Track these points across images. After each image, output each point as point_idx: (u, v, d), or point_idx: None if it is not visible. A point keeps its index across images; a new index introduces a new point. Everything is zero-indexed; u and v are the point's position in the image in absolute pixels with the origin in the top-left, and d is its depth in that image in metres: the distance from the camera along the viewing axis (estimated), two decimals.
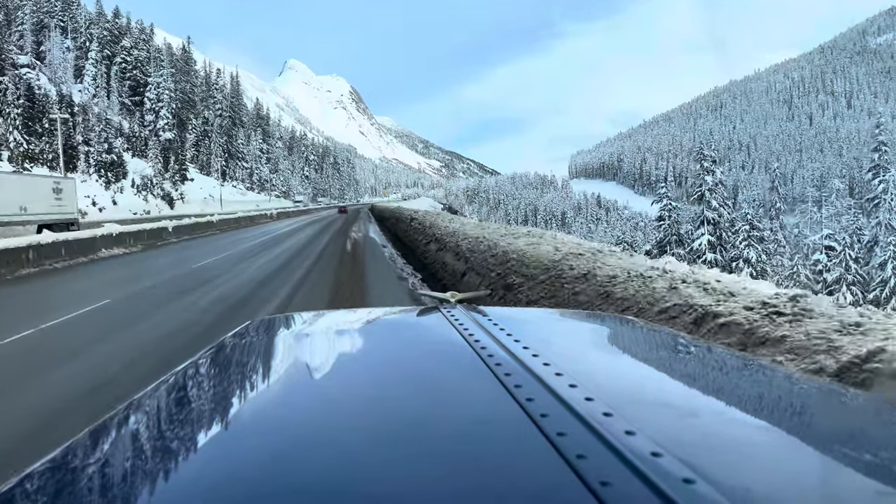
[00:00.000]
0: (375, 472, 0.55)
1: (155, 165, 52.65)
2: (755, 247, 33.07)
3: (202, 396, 0.93)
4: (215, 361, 1.09)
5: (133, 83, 68.10)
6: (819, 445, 0.65)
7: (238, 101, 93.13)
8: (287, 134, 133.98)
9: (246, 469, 0.58)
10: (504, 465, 0.55)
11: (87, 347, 6.37)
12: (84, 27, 68.52)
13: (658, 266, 5.28)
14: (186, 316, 8.02)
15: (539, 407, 0.62)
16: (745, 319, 3.18)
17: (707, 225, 38.40)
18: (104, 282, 12.30)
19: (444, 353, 0.96)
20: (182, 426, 0.79)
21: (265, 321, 1.37)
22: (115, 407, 0.82)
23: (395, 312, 1.55)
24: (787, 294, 3.40)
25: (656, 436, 0.55)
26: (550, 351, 0.85)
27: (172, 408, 0.87)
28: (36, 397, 4.71)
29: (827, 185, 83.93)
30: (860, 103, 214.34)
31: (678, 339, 1.21)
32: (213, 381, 1.01)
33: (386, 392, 0.80)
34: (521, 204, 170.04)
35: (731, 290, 3.84)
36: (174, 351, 5.99)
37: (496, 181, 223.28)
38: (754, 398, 0.85)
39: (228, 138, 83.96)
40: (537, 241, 8.81)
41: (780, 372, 0.98)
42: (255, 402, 0.83)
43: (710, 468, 0.50)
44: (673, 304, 3.90)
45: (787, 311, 3.06)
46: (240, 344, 1.20)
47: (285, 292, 10.23)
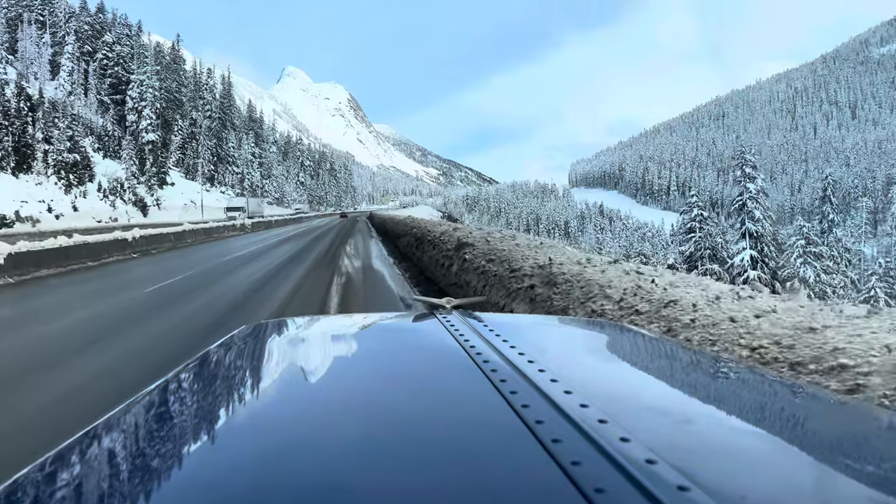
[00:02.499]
0: (370, 477, 0.54)
1: (129, 168, 47.58)
2: (813, 264, 28.61)
3: (196, 401, 0.92)
4: (210, 365, 1.09)
5: (115, 80, 63.58)
6: (814, 453, 0.65)
7: (230, 103, 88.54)
8: (282, 139, 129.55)
9: (240, 473, 0.58)
10: (499, 472, 0.55)
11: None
12: (63, 21, 64.12)
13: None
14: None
15: (534, 413, 0.62)
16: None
17: (749, 238, 34.00)
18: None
19: (439, 359, 0.96)
20: (176, 430, 0.79)
21: (260, 326, 1.36)
22: (110, 409, 0.81)
23: (391, 318, 1.56)
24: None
25: (651, 443, 0.55)
26: (546, 357, 0.85)
27: (166, 412, 0.87)
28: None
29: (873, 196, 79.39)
30: (865, 113, 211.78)
31: (673, 346, 1.21)
32: (207, 385, 1.01)
33: (381, 397, 0.79)
34: (522, 212, 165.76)
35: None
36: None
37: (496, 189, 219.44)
38: (749, 406, 0.85)
39: (218, 141, 79.37)
40: (607, 267, 4.49)
41: (774, 380, 0.98)
42: (249, 407, 0.83)
43: (704, 475, 0.50)
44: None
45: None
46: (235, 348, 1.20)
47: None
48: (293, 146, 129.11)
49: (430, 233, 14.25)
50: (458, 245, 10.12)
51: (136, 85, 61.24)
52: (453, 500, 0.50)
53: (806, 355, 2.59)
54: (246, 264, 14.76)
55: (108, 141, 51.54)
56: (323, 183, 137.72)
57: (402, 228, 21.85)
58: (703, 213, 39.99)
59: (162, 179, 55.64)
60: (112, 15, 70.70)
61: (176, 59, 78.64)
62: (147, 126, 60.18)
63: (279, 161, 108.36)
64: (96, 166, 44.49)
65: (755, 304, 3.56)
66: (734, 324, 3.20)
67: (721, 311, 3.43)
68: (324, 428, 0.68)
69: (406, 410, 0.73)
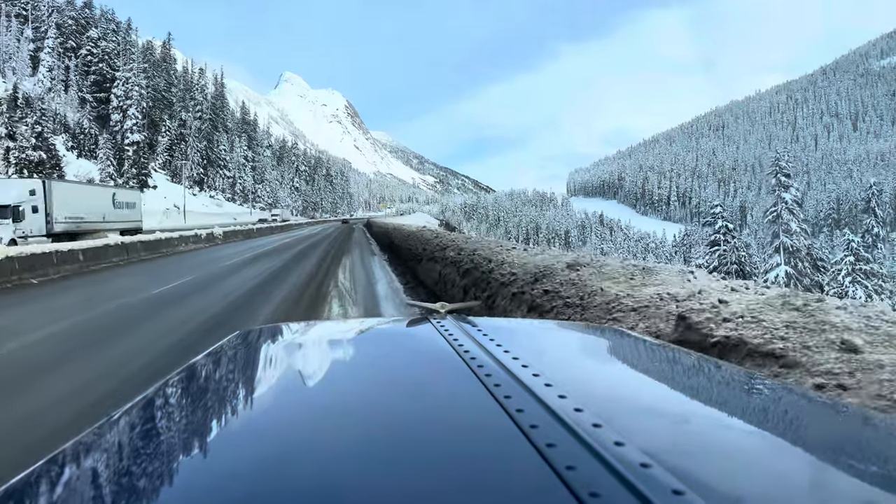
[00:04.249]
0: (365, 483, 0.54)
1: (104, 168, 44.00)
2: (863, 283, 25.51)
3: (191, 406, 0.92)
4: (205, 370, 1.08)
5: (99, 77, 60.37)
6: (808, 456, 0.66)
7: (222, 104, 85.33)
8: (277, 143, 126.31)
9: (236, 477, 0.57)
10: (494, 476, 0.55)
11: None
12: (46, 15, 60.97)
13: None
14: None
15: (528, 418, 0.62)
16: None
17: (783, 252, 30.96)
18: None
19: (433, 364, 0.95)
20: (171, 435, 0.78)
21: (255, 331, 1.35)
22: (107, 414, 0.80)
23: (385, 323, 1.60)
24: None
25: (646, 447, 0.55)
26: (540, 361, 0.85)
27: (159, 420, 0.86)
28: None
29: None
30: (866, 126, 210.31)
31: (668, 350, 1.21)
32: (202, 390, 1.01)
33: (375, 403, 0.79)
34: (521, 221, 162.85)
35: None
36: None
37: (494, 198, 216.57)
38: (744, 409, 0.85)
39: (209, 143, 76.11)
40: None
41: (769, 383, 0.98)
42: (244, 412, 0.83)
43: (699, 479, 0.50)
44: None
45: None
46: (229, 353, 1.19)
47: None
48: (288, 151, 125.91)
49: (505, 268, 6.98)
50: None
51: (122, 82, 57.95)
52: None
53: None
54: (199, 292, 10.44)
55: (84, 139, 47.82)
56: (318, 189, 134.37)
57: (420, 247, 15.06)
58: (728, 225, 36.98)
59: (143, 182, 51.91)
60: (99, 10, 67.68)
61: (166, 57, 75.53)
62: (132, 126, 56.81)
63: (273, 166, 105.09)
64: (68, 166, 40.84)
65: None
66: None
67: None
68: (319, 433, 0.68)
69: (400, 415, 0.73)
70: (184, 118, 70.99)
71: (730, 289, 3.95)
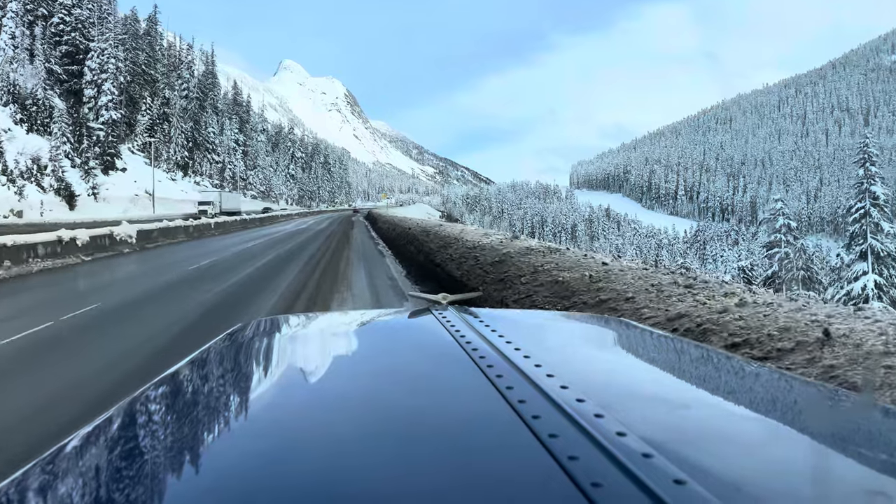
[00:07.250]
0: (367, 473, 0.55)
1: (58, 146, 38.00)
2: None
3: (195, 398, 0.92)
4: (208, 362, 1.09)
5: (71, 48, 54.45)
6: (811, 446, 0.66)
7: (212, 83, 79.46)
8: (273, 128, 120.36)
9: (239, 470, 0.58)
10: (495, 467, 0.55)
11: None
12: None
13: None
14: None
15: (530, 408, 0.62)
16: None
17: (871, 258, 25.77)
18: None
19: (434, 355, 0.96)
20: (175, 428, 0.78)
21: (257, 323, 1.36)
22: (108, 407, 0.81)
23: (387, 314, 1.62)
24: None
25: (648, 437, 0.55)
26: (541, 352, 0.85)
27: (165, 409, 0.87)
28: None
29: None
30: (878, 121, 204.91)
31: (670, 340, 1.20)
32: (205, 382, 1.01)
33: (377, 394, 0.79)
34: (526, 214, 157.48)
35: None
36: None
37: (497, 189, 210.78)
38: (746, 399, 0.86)
39: (195, 125, 70.37)
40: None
41: (771, 373, 0.98)
42: (247, 404, 0.83)
43: (701, 469, 0.51)
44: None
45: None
46: (232, 346, 1.20)
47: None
48: (284, 136, 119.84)
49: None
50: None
51: (97, 54, 52.13)
52: (451, 496, 0.50)
53: None
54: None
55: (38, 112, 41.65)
56: (315, 177, 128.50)
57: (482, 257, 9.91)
58: (791, 223, 31.67)
59: (109, 163, 45.93)
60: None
61: (151, 31, 69.52)
62: (108, 102, 51.06)
63: (268, 151, 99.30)
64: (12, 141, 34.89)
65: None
66: None
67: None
68: (322, 424, 0.69)
69: (402, 406, 0.73)
70: (168, 97, 65.17)
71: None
